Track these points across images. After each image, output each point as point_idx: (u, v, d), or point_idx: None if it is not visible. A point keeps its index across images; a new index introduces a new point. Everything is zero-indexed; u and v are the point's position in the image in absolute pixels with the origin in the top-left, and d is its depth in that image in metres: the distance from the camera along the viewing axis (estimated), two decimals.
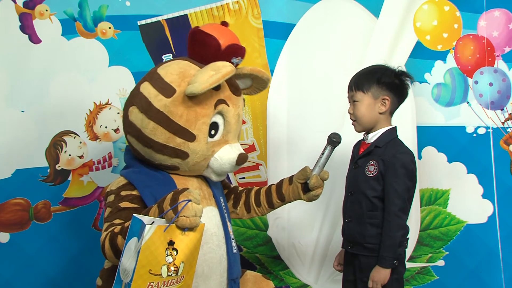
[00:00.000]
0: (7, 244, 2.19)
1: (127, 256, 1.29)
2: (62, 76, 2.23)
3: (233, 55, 1.65)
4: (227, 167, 1.66)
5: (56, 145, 2.23)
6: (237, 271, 1.73)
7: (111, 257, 1.48)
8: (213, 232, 1.64)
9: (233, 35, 1.68)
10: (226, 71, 1.56)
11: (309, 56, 2.36)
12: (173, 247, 1.31)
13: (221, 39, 1.62)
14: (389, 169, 1.76)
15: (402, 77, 1.84)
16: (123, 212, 1.54)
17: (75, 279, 2.24)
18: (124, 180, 1.63)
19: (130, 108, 1.64)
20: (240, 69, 1.73)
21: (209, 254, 1.63)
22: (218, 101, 1.62)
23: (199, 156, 1.62)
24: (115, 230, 1.46)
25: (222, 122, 1.65)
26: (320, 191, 1.81)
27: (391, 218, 1.74)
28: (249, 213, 1.90)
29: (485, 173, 2.34)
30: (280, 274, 2.41)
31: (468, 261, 2.34)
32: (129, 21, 2.26)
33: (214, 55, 1.62)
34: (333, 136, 1.82)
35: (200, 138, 1.60)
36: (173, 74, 1.61)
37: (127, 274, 1.28)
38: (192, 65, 1.64)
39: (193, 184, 1.69)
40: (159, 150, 1.60)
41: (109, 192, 1.63)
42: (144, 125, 1.59)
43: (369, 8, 2.35)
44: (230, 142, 1.67)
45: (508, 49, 2.34)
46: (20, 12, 2.19)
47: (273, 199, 1.86)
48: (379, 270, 1.75)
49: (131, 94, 1.68)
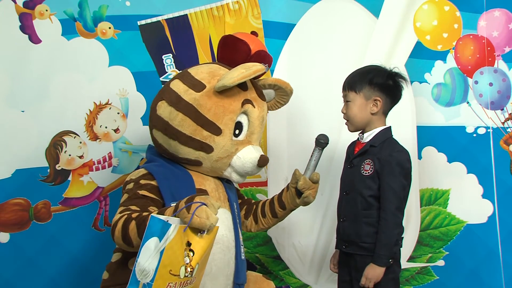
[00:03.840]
0: (7, 244, 2.19)
1: (146, 256, 1.28)
2: (62, 76, 2.23)
3: (261, 61, 1.71)
4: (249, 167, 1.70)
5: (56, 145, 2.23)
6: (243, 277, 1.73)
7: (118, 239, 1.49)
8: (224, 234, 1.65)
9: (261, 43, 1.77)
10: (257, 68, 1.62)
11: (309, 56, 2.36)
12: (190, 248, 1.32)
13: (252, 44, 1.70)
14: (385, 168, 1.77)
15: (395, 78, 1.84)
16: (140, 200, 1.57)
17: (75, 279, 2.24)
18: (144, 171, 1.67)
19: (158, 103, 1.69)
20: (265, 79, 1.81)
21: (219, 254, 1.64)
22: (245, 101, 1.68)
23: (223, 152, 1.66)
24: (132, 215, 1.47)
25: (247, 122, 1.71)
26: (309, 193, 1.81)
27: (388, 217, 1.75)
28: (257, 224, 1.92)
29: (485, 173, 2.34)
30: (280, 274, 2.41)
31: (468, 261, 2.34)
32: (129, 21, 2.26)
33: (244, 60, 1.69)
34: (321, 137, 1.84)
35: (226, 133, 1.65)
36: (204, 72, 1.69)
37: (146, 274, 1.27)
38: (222, 67, 1.72)
39: (210, 184, 1.72)
40: (185, 142, 1.65)
41: (128, 181, 1.66)
42: (173, 117, 1.64)
43: (369, 8, 2.35)
44: (253, 143, 1.72)
45: (508, 49, 2.34)
46: (20, 12, 2.19)
47: (276, 208, 1.89)
48: (373, 267, 1.76)
49: (161, 91, 1.74)
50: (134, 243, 1.44)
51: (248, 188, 2.34)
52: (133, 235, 1.43)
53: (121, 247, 1.54)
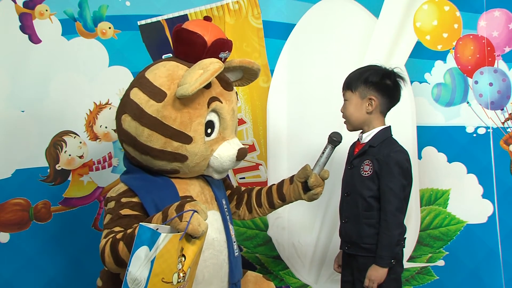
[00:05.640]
0: (7, 244, 2.19)
1: (137, 265, 1.27)
2: (62, 76, 2.23)
3: (220, 50, 1.62)
4: (228, 164, 1.65)
5: (56, 145, 2.23)
6: (238, 275, 1.72)
7: (110, 264, 1.46)
8: (214, 237, 1.62)
9: (218, 30, 1.64)
10: (215, 68, 1.51)
11: (309, 56, 2.36)
12: (182, 253, 1.32)
13: (206, 35, 1.59)
14: (383, 168, 1.76)
15: (392, 77, 1.83)
16: (123, 220, 1.52)
17: (75, 279, 2.25)
18: (124, 187, 1.61)
19: (122, 116, 1.60)
20: (229, 62, 1.70)
21: (210, 260, 1.61)
22: (211, 99, 1.59)
23: (198, 157, 1.60)
24: (117, 237, 1.44)
25: (217, 119, 1.63)
26: (319, 190, 1.80)
27: (388, 217, 1.74)
28: (251, 214, 1.89)
29: (485, 173, 2.34)
30: (280, 274, 2.41)
31: (468, 261, 2.34)
32: (129, 21, 2.26)
33: (201, 53, 1.59)
34: (334, 135, 1.82)
35: (197, 139, 1.58)
36: (162, 77, 1.57)
37: (138, 283, 1.27)
38: (180, 65, 1.61)
39: (195, 188, 1.66)
40: (157, 156, 1.58)
41: (109, 199, 1.61)
42: (139, 133, 1.56)
43: (369, 8, 2.35)
44: (228, 138, 1.66)
45: (508, 49, 2.34)
46: (20, 12, 2.19)
47: (274, 200, 1.86)
48: (376, 269, 1.75)
49: (121, 102, 1.64)
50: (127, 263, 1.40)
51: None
52: (124, 255, 1.40)
53: (115, 271, 1.51)
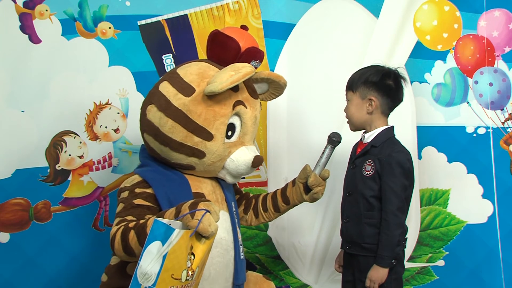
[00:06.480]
0: (7, 244, 2.19)
1: (148, 260, 1.28)
2: (62, 76, 2.23)
3: (252, 58, 1.68)
4: (243, 169, 1.68)
5: (56, 145, 2.23)
6: (243, 277, 1.73)
7: (119, 251, 1.48)
8: (222, 236, 1.64)
9: (252, 39, 1.72)
10: (246, 72, 1.57)
11: (309, 56, 2.36)
12: (191, 251, 1.32)
13: (241, 41, 1.66)
14: (385, 168, 1.76)
15: (392, 78, 1.83)
16: (136, 209, 1.55)
17: (75, 279, 2.24)
18: (139, 178, 1.64)
19: (148, 106, 1.65)
20: (258, 73, 1.75)
21: (217, 258, 1.63)
22: (236, 102, 1.63)
23: (215, 156, 1.63)
24: (129, 225, 1.46)
25: (239, 123, 1.67)
26: (319, 189, 1.81)
27: (389, 217, 1.74)
28: (257, 219, 1.91)
29: (485, 173, 2.34)
30: (280, 274, 2.41)
31: (468, 261, 2.34)
32: (129, 21, 2.26)
33: (234, 57, 1.65)
34: (334, 135, 1.82)
35: (218, 137, 1.62)
36: (193, 74, 1.63)
37: (148, 278, 1.27)
38: (211, 66, 1.67)
39: (207, 186, 1.69)
40: (176, 148, 1.61)
41: (123, 189, 1.64)
42: (163, 123, 1.61)
43: (369, 8, 2.35)
44: (246, 144, 1.69)
45: (508, 49, 2.34)
46: (20, 12, 2.19)
47: (279, 203, 1.87)
48: (377, 269, 1.75)
49: (149, 93, 1.69)
50: (136, 252, 1.43)
51: (248, 188, 2.35)
52: (133, 244, 1.42)
53: (123, 258, 1.52)
